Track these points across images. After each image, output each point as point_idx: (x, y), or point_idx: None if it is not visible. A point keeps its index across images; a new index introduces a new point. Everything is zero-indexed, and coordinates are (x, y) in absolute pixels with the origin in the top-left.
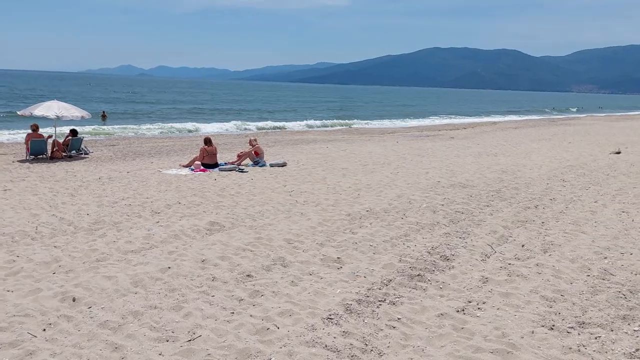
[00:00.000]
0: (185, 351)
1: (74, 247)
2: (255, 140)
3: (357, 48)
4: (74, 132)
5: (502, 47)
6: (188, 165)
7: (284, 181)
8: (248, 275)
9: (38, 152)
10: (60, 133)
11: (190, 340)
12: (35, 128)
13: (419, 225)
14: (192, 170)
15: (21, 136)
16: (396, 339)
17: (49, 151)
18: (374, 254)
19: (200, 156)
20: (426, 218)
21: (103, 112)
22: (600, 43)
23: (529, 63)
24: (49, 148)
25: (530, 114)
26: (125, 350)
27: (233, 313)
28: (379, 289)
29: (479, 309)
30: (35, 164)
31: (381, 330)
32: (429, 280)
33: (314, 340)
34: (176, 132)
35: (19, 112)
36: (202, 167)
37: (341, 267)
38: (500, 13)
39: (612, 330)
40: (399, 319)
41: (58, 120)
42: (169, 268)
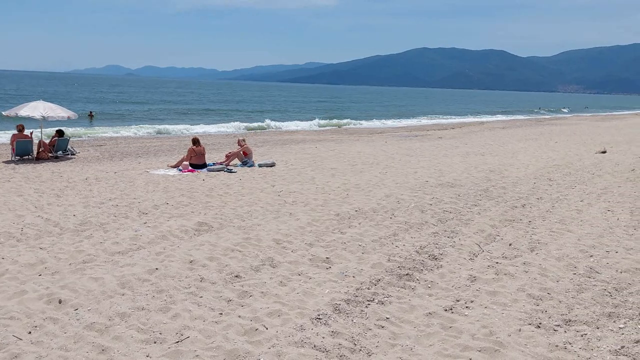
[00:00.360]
0: (173, 353)
1: (59, 249)
2: (243, 140)
3: (346, 48)
4: (60, 133)
5: (490, 48)
6: (176, 166)
7: (272, 181)
8: (236, 276)
9: (24, 153)
10: (46, 134)
11: (178, 341)
12: (20, 128)
13: (407, 224)
14: (180, 170)
15: (6, 137)
16: (385, 338)
17: (35, 152)
18: (362, 253)
19: (188, 156)
20: (415, 217)
21: (90, 112)
22: (585, 44)
23: (515, 63)
24: (35, 149)
25: (518, 114)
26: (112, 353)
27: (221, 314)
28: (368, 289)
29: (467, 307)
30: (21, 165)
31: (370, 329)
32: (417, 279)
33: (302, 340)
34: (164, 133)
35: (4, 113)
36: (190, 168)
37: (330, 267)
38: (488, 14)
39: (598, 328)
40: (387, 319)
41: (44, 121)
42: (157, 269)
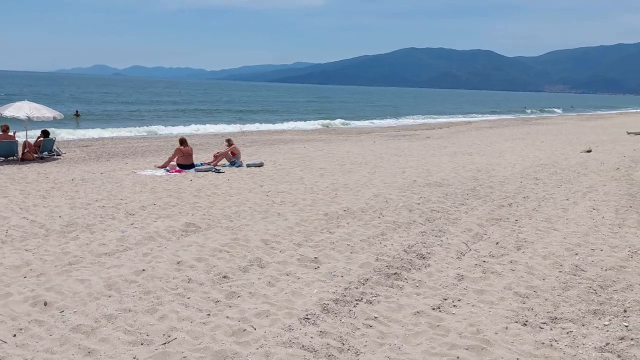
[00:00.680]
0: (160, 354)
1: (45, 250)
2: (231, 140)
3: (334, 48)
4: (45, 133)
5: (477, 48)
6: (163, 166)
7: (261, 181)
8: (224, 277)
9: (8, 154)
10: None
11: (165, 343)
12: (5, 129)
13: (395, 224)
14: (168, 171)
15: None
16: (373, 337)
17: (20, 153)
18: (351, 253)
19: (176, 156)
20: (403, 217)
21: (76, 112)
22: (571, 44)
23: (502, 63)
24: (20, 149)
25: (507, 114)
26: (99, 355)
27: (209, 315)
28: (356, 288)
29: (454, 306)
30: (6, 166)
31: (358, 329)
32: (405, 278)
33: (290, 340)
34: (152, 133)
35: None
36: (178, 168)
37: (318, 267)
38: (475, 14)
39: (583, 325)
40: (375, 318)
41: (29, 121)
42: (144, 270)
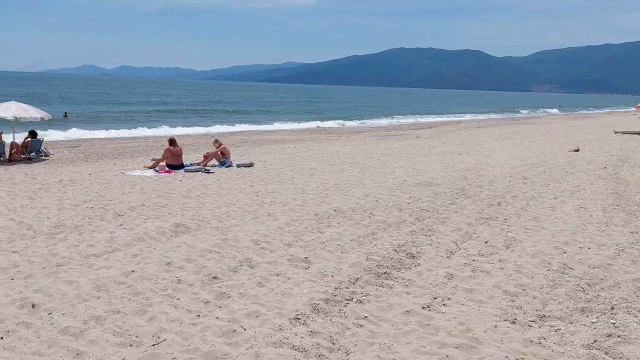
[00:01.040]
0: (149, 356)
1: (33, 252)
2: (219, 140)
3: (324, 48)
4: (33, 134)
5: (466, 48)
6: (153, 167)
7: (251, 182)
8: (214, 277)
9: None
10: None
11: (154, 344)
12: None
13: (385, 223)
14: (157, 171)
15: None
16: (363, 337)
17: (7, 153)
18: (341, 253)
19: (165, 157)
20: (393, 216)
21: (65, 114)
22: (559, 44)
23: (491, 63)
24: (7, 150)
25: (498, 113)
26: (87, 357)
27: (199, 316)
28: (347, 288)
29: (444, 305)
30: None
31: (348, 328)
32: (395, 277)
33: (281, 340)
34: (141, 133)
35: None
36: (167, 168)
37: (309, 267)
38: (464, 14)
39: (571, 323)
40: (366, 317)
41: (17, 122)
42: (133, 271)
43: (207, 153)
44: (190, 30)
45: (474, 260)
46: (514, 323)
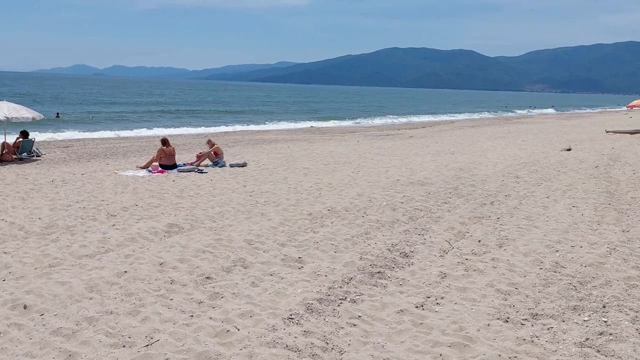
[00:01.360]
0: (142, 356)
1: (25, 253)
2: (212, 140)
3: (318, 48)
4: (24, 134)
5: (459, 48)
6: (145, 167)
7: (244, 182)
8: (208, 278)
9: None
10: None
11: (147, 345)
12: None
13: (379, 223)
14: (150, 171)
15: None
16: (357, 336)
17: None
18: (335, 252)
19: (158, 157)
20: (386, 216)
21: (57, 114)
22: (551, 44)
23: (484, 63)
24: None
25: (489, 112)
26: (80, 358)
27: (192, 316)
28: (340, 287)
29: (437, 304)
30: None
31: (342, 328)
32: (389, 277)
33: (274, 340)
34: (134, 134)
35: None
36: (160, 169)
37: (302, 267)
38: (457, 14)
39: (564, 321)
40: (359, 317)
41: (8, 122)
42: (126, 272)
43: (200, 153)
44: (183, 30)
45: (467, 259)
46: (507, 321)
